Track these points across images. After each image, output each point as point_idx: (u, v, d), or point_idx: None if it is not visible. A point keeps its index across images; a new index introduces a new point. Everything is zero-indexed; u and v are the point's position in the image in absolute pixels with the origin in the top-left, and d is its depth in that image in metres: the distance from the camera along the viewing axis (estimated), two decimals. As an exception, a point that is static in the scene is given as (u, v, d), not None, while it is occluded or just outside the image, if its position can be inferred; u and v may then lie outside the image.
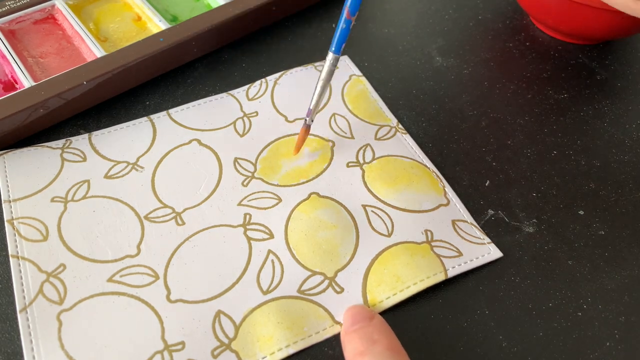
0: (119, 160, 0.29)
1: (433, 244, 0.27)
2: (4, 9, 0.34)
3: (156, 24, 0.35)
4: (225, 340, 0.24)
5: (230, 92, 0.33)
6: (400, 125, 0.32)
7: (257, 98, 0.33)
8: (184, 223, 0.27)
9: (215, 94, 0.33)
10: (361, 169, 0.30)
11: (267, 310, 0.24)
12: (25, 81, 0.31)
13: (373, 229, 0.27)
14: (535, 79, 0.35)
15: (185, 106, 0.32)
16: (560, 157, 0.31)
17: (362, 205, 0.28)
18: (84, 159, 0.29)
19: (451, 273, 0.26)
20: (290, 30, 0.38)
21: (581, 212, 0.29)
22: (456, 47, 0.37)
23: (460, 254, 0.26)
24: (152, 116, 0.32)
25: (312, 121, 0.29)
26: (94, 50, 0.33)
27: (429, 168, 0.30)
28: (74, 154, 0.29)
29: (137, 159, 0.29)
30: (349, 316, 0.24)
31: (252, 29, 0.37)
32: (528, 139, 0.32)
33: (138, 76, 0.33)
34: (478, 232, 0.28)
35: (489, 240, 0.27)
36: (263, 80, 0.34)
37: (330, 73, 0.28)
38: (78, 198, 0.28)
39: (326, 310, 0.25)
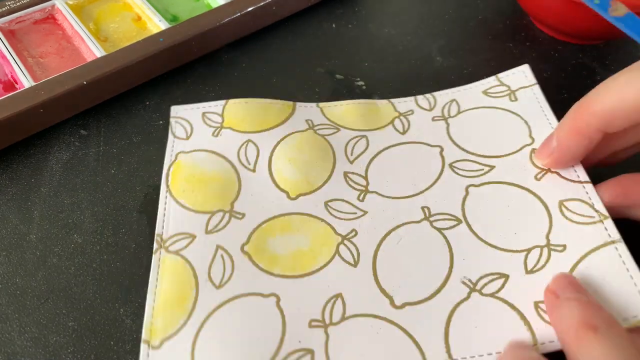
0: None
1: None
2: (4, 9, 0.34)
3: (156, 24, 0.35)
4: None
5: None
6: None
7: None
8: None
9: (215, 94, 0.33)
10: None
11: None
12: (25, 81, 0.31)
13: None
14: (535, 79, 0.35)
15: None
16: (561, 157, 0.31)
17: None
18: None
19: None
20: (290, 30, 0.38)
21: (581, 212, 0.29)
22: (456, 47, 0.37)
23: None
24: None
25: None
26: (94, 50, 0.33)
27: None
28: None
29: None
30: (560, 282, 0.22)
31: (252, 29, 0.37)
32: (528, 139, 0.32)
33: (138, 76, 0.33)
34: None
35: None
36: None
37: None
38: None
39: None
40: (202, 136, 0.29)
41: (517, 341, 0.22)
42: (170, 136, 0.29)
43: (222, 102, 0.30)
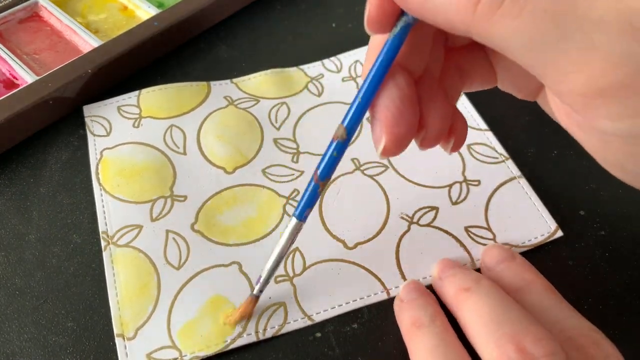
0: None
1: None
2: (-16, 12, 0.34)
3: (145, 11, 0.36)
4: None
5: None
6: None
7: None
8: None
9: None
10: None
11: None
12: (27, 76, 0.31)
13: None
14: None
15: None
16: (560, 157, 0.31)
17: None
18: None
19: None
20: (290, 31, 0.38)
21: (581, 212, 0.29)
22: (456, 47, 0.37)
23: None
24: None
25: (261, 292, 0.24)
26: (90, 41, 0.33)
27: None
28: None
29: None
30: (488, 255, 0.25)
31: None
32: (528, 139, 0.32)
33: (139, 60, 0.33)
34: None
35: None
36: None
37: (291, 240, 0.23)
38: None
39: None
40: (122, 130, 0.30)
41: (447, 260, 0.25)
42: (89, 136, 0.30)
43: (136, 92, 0.32)
